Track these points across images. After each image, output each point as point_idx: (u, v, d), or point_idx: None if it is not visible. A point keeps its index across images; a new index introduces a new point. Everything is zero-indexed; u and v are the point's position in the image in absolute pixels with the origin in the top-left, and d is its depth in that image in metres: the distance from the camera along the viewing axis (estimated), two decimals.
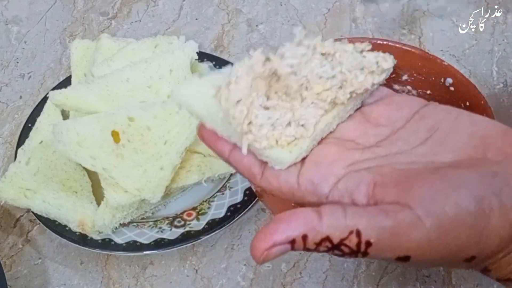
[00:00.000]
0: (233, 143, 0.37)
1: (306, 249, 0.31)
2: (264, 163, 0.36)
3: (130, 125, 0.59)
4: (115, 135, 0.58)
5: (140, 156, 0.58)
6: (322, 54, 0.36)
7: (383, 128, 0.36)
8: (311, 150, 0.36)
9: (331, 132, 0.37)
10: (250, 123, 0.34)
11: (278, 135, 0.35)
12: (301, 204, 0.35)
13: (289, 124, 0.35)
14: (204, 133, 0.38)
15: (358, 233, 0.30)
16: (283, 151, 0.35)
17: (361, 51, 0.38)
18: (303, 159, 0.35)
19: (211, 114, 0.36)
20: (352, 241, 0.31)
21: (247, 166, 0.37)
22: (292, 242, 0.31)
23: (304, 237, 0.31)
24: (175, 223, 0.59)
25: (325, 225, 0.31)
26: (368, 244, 0.30)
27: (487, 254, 0.31)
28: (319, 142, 0.36)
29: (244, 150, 0.35)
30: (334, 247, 0.31)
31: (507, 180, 0.31)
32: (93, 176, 0.61)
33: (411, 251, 0.30)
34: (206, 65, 0.71)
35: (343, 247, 0.31)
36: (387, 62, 0.38)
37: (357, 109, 0.38)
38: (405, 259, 0.31)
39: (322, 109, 0.35)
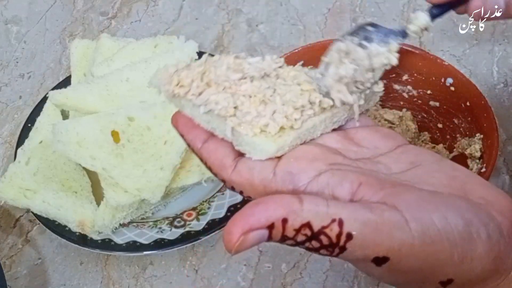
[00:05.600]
0: (209, 133, 0.36)
1: (283, 237, 0.29)
2: (238, 156, 0.35)
3: (130, 125, 0.59)
4: (115, 135, 0.59)
5: (140, 156, 0.58)
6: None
7: (365, 150, 0.35)
8: (293, 148, 0.35)
9: (313, 139, 0.36)
10: (236, 107, 0.34)
11: (264, 123, 0.34)
12: None
13: (275, 112, 0.35)
14: (179, 120, 0.37)
15: (341, 223, 0.28)
16: (267, 140, 0.34)
17: None
18: (281, 157, 0.34)
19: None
20: (333, 230, 0.28)
21: (219, 157, 0.35)
22: (271, 227, 0.29)
23: (284, 221, 0.29)
24: (175, 223, 0.59)
25: (306, 209, 0.29)
26: (349, 236, 0.28)
27: (465, 282, 0.30)
28: (301, 144, 0.36)
29: (229, 133, 0.34)
30: (313, 236, 0.29)
31: (491, 216, 0.30)
32: (93, 176, 0.61)
33: (391, 253, 0.29)
34: None
35: (322, 237, 0.29)
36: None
37: (339, 129, 0.38)
38: (383, 260, 0.29)
39: (312, 110, 0.35)
